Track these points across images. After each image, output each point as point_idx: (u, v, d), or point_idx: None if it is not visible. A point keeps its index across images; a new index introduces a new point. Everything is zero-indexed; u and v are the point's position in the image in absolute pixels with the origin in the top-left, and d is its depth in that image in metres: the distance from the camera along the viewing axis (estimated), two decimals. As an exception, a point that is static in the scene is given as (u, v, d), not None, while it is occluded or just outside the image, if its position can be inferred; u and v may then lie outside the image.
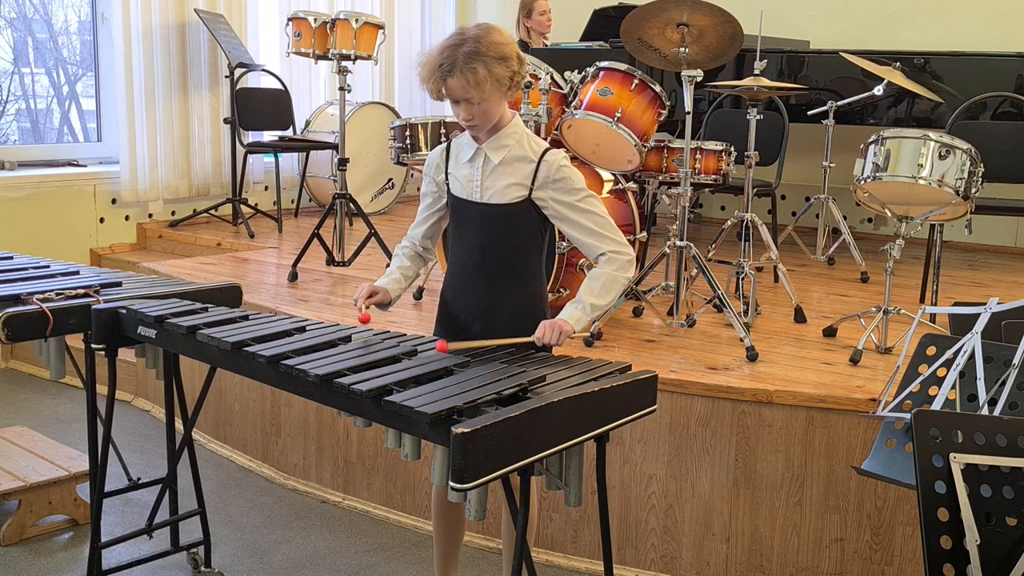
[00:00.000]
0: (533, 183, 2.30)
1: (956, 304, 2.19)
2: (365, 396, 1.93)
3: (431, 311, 2.53)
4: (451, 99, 2.26)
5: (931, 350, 2.03)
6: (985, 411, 1.87)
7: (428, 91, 2.28)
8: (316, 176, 6.50)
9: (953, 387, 1.94)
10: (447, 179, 2.40)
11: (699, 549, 3.01)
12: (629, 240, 3.84)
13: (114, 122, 5.68)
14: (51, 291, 2.67)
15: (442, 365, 2.07)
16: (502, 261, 2.35)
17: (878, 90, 4.64)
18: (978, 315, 2.00)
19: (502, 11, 7.62)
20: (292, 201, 6.51)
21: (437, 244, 2.59)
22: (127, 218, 5.75)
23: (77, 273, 2.99)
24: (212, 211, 5.89)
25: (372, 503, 3.49)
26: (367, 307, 2.38)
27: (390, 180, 6.49)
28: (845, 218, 5.03)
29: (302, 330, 2.34)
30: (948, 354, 1.99)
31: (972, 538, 1.59)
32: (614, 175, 3.98)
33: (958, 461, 1.62)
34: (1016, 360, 1.88)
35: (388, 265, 2.49)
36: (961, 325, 2.06)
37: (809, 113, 4.98)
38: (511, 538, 2.49)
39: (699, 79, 3.53)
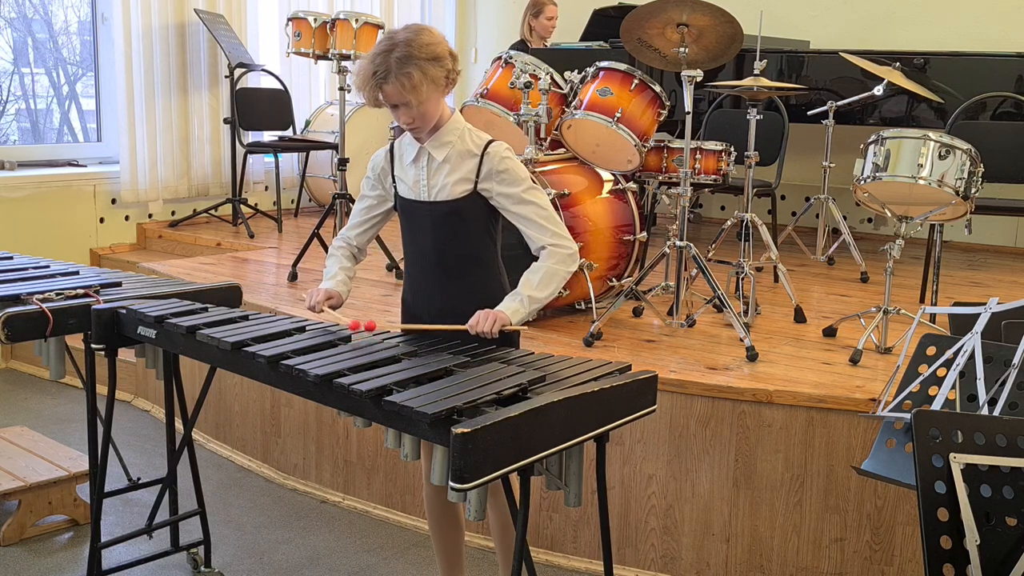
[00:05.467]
0: (478, 176, 2.32)
1: (956, 304, 2.19)
2: (365, 396, 1.93)
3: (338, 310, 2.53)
4: (389, 104, 2.26)
5: (931, 350, 2.03)
6: (985, 411, 1.87)
7: (365, 99, 2.28)
8: (316, 176, 6.50)
9: (953, 387, 1.94)
10: (394, 182, 2.41)
11: (699, 549, 3.01)
12: (629, 240, 3.86)
13: (114, 122, 5.68)
14: (51, 291, 2.67)
15: (442, 365, 2.07)
16: (458, 257, 2.36)
17: (878, 90, 4.65)
18: (978, 315, 2.00)
19: (501, 11, 7.62)
20: (292, 201, 6.51)
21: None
22: (127, 218, 5.75)
23: (77, 273, 2.99)
24: (212, 211, 5.89)
25: (372, 503, 3.49)
26: (325, 308, 2.41)
27: (390, 180, 6.48)
28: (845, 218, 5.03)
29: (302, 330, 2.34)
30: (948, 354, 1.99)
31: (972, 538, 1.59)
32: (614, 175, 3.98)
33: (958, 461, 1.62)
34: (1016, 360, 1.88)
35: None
36: (961, 325, 2.06)
37: (809, 113, 4.98)
38: (503, 537, 2.49)
39: (699, 79, 3.53)
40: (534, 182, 2.37)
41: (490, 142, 2.33)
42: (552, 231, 2.32)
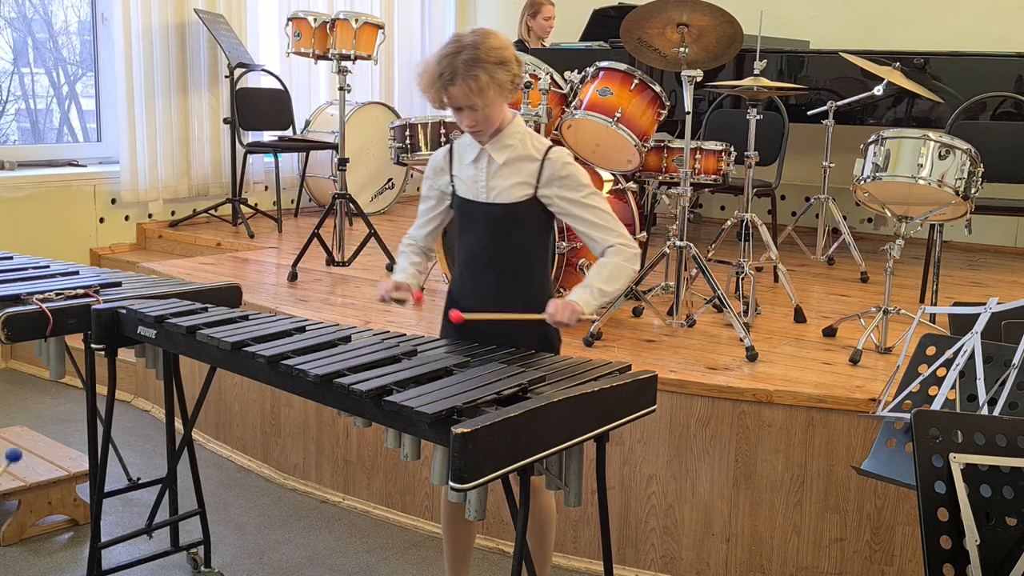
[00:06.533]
0: (538, 181, 2.31)
1: (956, 304, 2.19)
2: (365, 396, 1.93)
3: (431, 310, 2.54)
4: (453, 107, 2.26)
5: (931, 350, 2.03)
6: (985, 411, 1.87)
7: (429, 100, 2.29)
8: (316, 176, 6.50)
9: (953, 387, 1.94)
10: (452, 181, 2.40)
11: (699, 549, 3.01)
12: (629, 240, 3.86)
13: (114, 122, 5.68)
14: (51, 291, 2.67)
15: (442, 365, 2.08)
16: (509, 260, 2.36)
17: (878, 90, 4.65)
18: (978, 315, 2.00)
19: (501, 11, 7.62)
20: (292, 201, 6.51)
21: (437, 243, 2.60)
22: (127, 218, 5.75)
23: (77, 273, 2.99)
24: (212, 211, 5.89)
25: (372, 503, 3.49)
26: (392, 299, 2.40)
27: (390, 180, 6.49)
28: (845, 218, 5.03)
29: (302, 330, 2.34)
30: (948, 354, 1.99)
31: (972, 538, 1.59)
32: (614, 175, 3.98)
33: (958, 461, 1.62)
34: (1016, 360, 1.88)
35: (393, 264, 2.48)
36: (961, 325, 2.06)
37: (809, 113, 4.98)
38: (531, 540, 2.48)
39: (699, 79, 3.53)
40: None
41: (550, 147, 2.33)
42: (616, 231, 2.33)
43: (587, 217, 2.32)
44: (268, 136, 6.24)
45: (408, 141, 4.57)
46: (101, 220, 5.61)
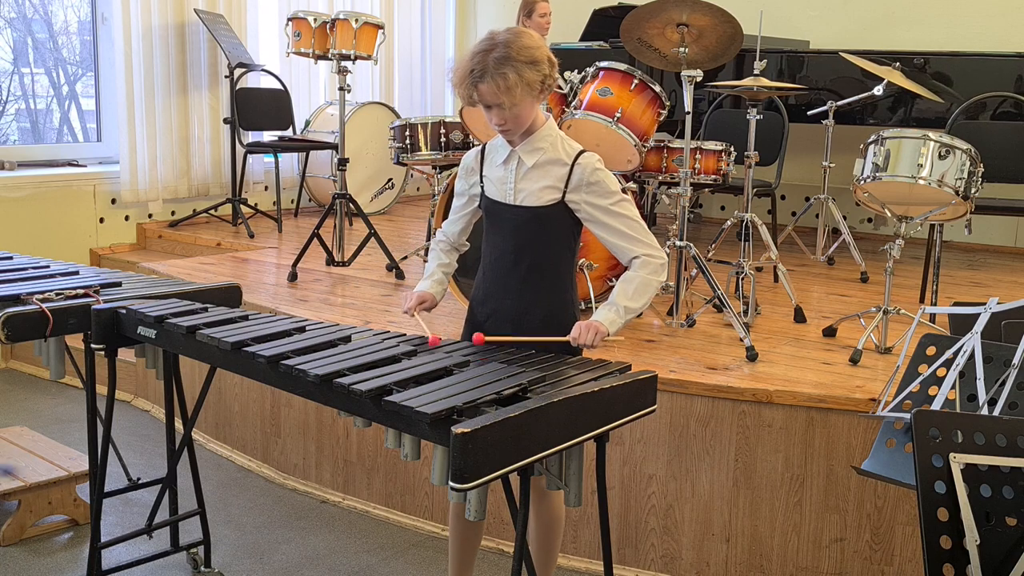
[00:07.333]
0: (567, 186, 2.30)
1: (956, 304, 2.19)
2: (365, 396, 1.93)
3: (434, 311, 2.53)
4: (483, 104, 2.26)
5: (931, 350, 2.03)
6: (985, 411, 1.87)
7: (460, 97, 2.29)
8: (316, 176, 6.50)
9: (953, 387, 1.94)
10: (481, 181, 2.40)
11: (699, 549, 3.01)
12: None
13: (114, 122, 5.68)
14: (51, 291, 2.67)
15: (442, 365, 2.08)
16: (535, 263, 2.35)
17: (878, 90, 4.65)
18: (978, 315, 2.00)
19: (502, 11, 7.62)
20: (292, 201, 6.51)
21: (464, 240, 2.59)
22: (127, 218, 5.75)
23: (77, 273, 2.99)
24: (212, 211, 5.89)
25: (372, 503, 3.49)
26: (416, 313, 2.42)
27: (390, 180, 6.49)
28: (845, 218, 5.03)
29: (302, 330, 2.34)
30: (948, 354, 1.99)
31: (972, 538, 1.59)
32: (614, 175, 3.98)
33: (958, 461, 1.62)
34: (1016, 360, 1.88)
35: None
36: (961, 325, 2.06)
37: (809, 113, 4.98)
38: (537, 542, 2.48)
39: (699, 79, 3.53)
40: (624, 193, 2.36)
41: (581, 152, 2.33)
42: (644, 242, 2.31)
43: (615, 225, 2.31)
44: (268, 136, 6.24)
45: (408, 141, 4.58)
46: (101, 220, 5.61)
